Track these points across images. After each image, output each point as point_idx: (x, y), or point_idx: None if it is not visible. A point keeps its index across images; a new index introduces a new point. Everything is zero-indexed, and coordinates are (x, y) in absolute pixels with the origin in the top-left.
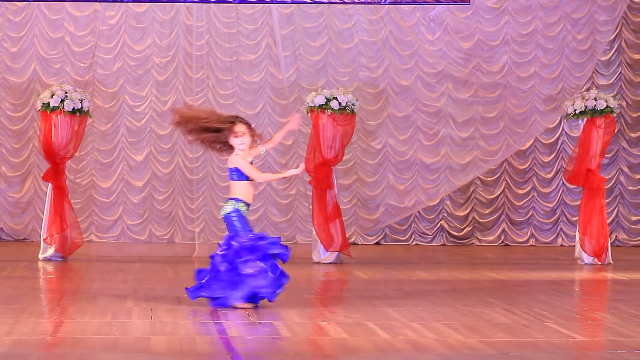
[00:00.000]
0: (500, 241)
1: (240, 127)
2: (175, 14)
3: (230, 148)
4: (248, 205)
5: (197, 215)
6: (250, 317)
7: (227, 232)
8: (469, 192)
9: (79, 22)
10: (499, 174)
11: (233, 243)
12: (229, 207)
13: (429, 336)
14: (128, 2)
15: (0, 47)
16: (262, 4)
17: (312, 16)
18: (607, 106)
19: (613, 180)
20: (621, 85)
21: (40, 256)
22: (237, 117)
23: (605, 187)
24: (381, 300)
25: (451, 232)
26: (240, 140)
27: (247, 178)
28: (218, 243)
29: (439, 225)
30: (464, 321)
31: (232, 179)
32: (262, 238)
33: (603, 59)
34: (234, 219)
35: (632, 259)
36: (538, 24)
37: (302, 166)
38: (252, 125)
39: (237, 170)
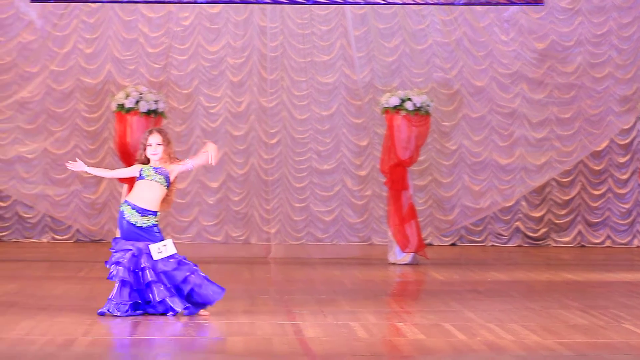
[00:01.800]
0: (577, 242)
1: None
2: (249, 15)
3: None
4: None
5: (273, 217)
6: (327, 317)
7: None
8: (544, 193)
9: (153, 24)
10: (574, 174)
11: None
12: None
13: (505, 337)
14: (202, 3)
15: (75, 49)
16: (336, 5)
17: (386, 17)
18: None
19: None
20: None
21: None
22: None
23: None
24: (457, 301)
25: (527, 233)
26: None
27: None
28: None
29: (514, 226)
30: (540, 322)
31: None
32: None
33: None
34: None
35: None
36: (612, 24)
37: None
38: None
39: None
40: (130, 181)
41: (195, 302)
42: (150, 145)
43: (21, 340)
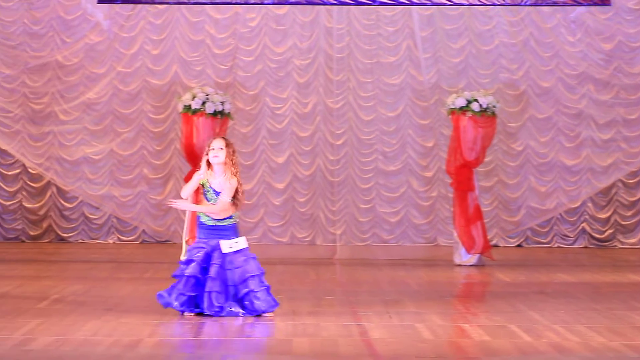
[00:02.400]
0: None
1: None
2: (315, 16)
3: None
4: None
5: (339, 218)
6: (392, 319)
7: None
8: (610, 194)
9: (220, 25)
10: None
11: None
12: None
13: (571, 339)
14: (269, 4)
15: (142, 50)
16: (402, 6)
17: (452, 18)
18: None
19: None
20: None
21: (183, 258)
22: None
23: None
24: (523, 303)
25: (593, 234)
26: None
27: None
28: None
29: (580, 227)
30: (606, 324)
31: None
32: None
33: None
34: None
35: None
36: None
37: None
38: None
39: None
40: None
41: (244, 306)
42: (212, 149)
43: (87, 342)
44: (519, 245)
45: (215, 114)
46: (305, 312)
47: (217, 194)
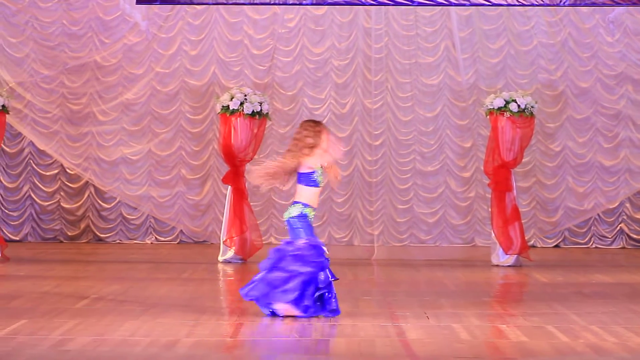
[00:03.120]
0: None
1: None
2: (353, 17)
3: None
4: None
5: (376, 218)
6: (429, 319)
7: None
8: None
9: (258, 25)
10: None
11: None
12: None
13: (608, 339)
14: (307, 5)
15: (180, 51)
16: (441, 7)
17: (491, 18)
18: None
19: None
20: None
21: (220, 258)
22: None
23: None
24: (561, 303)
25: (631, 235)
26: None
27: (315, 184)
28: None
29: (618, 228)
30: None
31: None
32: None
33: None
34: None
35: None
36: None
37: None
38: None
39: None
40: (234, 182)
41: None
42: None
43: (124, 342)
44: (556, 246)
45: (253, 114)
46: (342, 312)
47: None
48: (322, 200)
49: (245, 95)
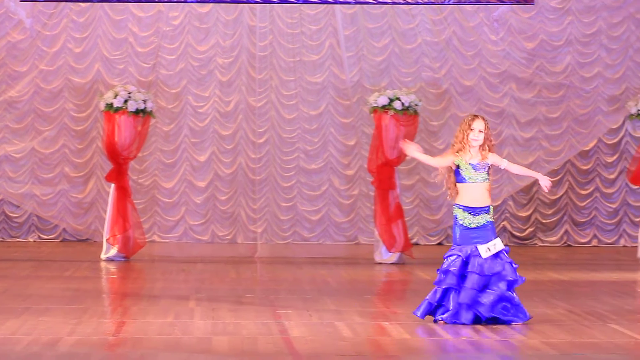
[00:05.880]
0: (563, 242)
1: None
2: (238, 15)
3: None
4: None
5: (260, 216)
6: (312, 317)
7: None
8: (531, 192)
9: (143, 23)
10: (562, 174)
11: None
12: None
13: (485, 335)
14: (192, 2)
15: (64, 48)
16: (326, 5)
17: (376, 17)
18: None
19: None
20: None
21: (103, 256)
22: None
23: None
24: None
25: (514, 232)
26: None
27: (464, 179)
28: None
29: (501, 225)
30: (528, 322)
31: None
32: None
33: None
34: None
35: None
36: (602, 24)
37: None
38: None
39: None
40: (117, 180)
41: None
42: (472, 130)
43: (6, 340)
44: (439, 244)
45: (137, 112)
46: (225, 310)
47: (476, 168)
48: (205, 198)
49: (129, 93)
